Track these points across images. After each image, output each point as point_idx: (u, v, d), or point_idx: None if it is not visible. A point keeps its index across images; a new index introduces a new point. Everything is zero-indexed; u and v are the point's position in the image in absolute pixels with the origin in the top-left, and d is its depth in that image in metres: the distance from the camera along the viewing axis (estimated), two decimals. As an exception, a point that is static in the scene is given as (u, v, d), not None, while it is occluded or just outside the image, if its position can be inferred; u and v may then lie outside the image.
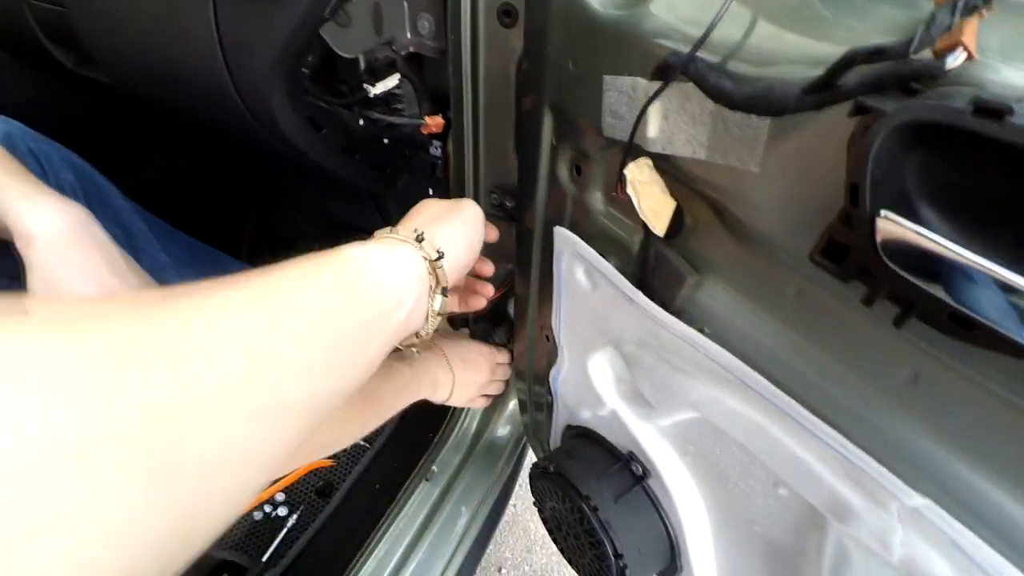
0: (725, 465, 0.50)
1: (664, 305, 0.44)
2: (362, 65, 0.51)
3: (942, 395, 0.32)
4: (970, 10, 0.20)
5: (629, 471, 0.61)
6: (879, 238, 0.24)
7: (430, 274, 0.41)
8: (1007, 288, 0.23)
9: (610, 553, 0.59)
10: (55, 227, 0.53)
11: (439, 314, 0.43)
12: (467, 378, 0.76)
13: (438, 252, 0.42)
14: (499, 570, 1.23)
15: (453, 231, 0.46)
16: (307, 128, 0.52)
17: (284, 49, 0.44)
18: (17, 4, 0.62)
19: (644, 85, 0.36)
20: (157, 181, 1.00)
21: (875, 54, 0.22)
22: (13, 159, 0.54)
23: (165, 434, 0.19)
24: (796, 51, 0.29)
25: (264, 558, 0.81)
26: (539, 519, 0.71)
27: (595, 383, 0.61)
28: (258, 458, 0.24)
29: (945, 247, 0.22)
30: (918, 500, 0.34)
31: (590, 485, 0.61)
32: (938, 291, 0.25)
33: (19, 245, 0.51)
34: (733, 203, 0.35)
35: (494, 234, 0.56)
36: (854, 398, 0.36)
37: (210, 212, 1.07)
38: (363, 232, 1.08)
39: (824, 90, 0.25)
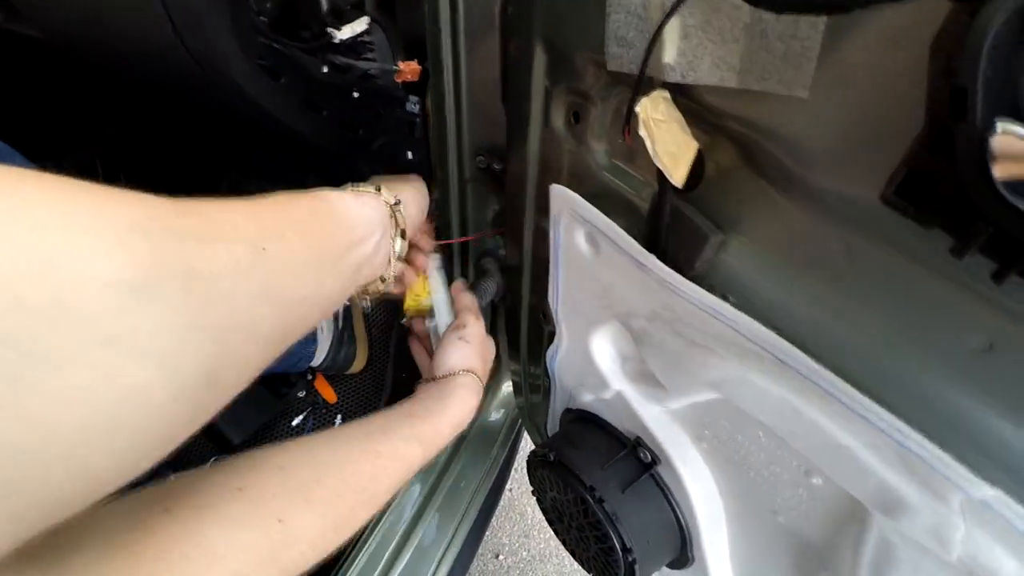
0: (747, 451, 0.45)
1: (680, 271, 0.38)
2: (324, 5, 0.44)
3: (1020, 367, 0.26)
4: None
5: (636, 458, 0.56)
6: (995, 157, 0.18)
7: (391, 216, 0.48)
8: None
9: (618, 547, 0.54)
10: None
11: (399, 257, 0.50)
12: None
13: (396, 198, 0.48)
14: (496, 556, 1.19)
15: (405, 188, 0.53)
16: (262, 75, 0.45)
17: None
18: None
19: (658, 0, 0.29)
20: (109, 154, 0.92)
21: None
22: None
23: (197, 287, 0.23)
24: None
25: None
26: (536, 502, 0.66)
27: (598, 363, 0.55)
28: (260, 329, 0.28)
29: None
30: (987, 491, 0.29)
31: (595, 475, 0.56)
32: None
33: None
34: (772, 141, 0.29)
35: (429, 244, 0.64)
36: (911, 372, 0.30)
37: (170, 187, 1.00)
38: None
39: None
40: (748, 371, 0.36)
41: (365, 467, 0.42)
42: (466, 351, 0.58)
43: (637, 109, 0.32)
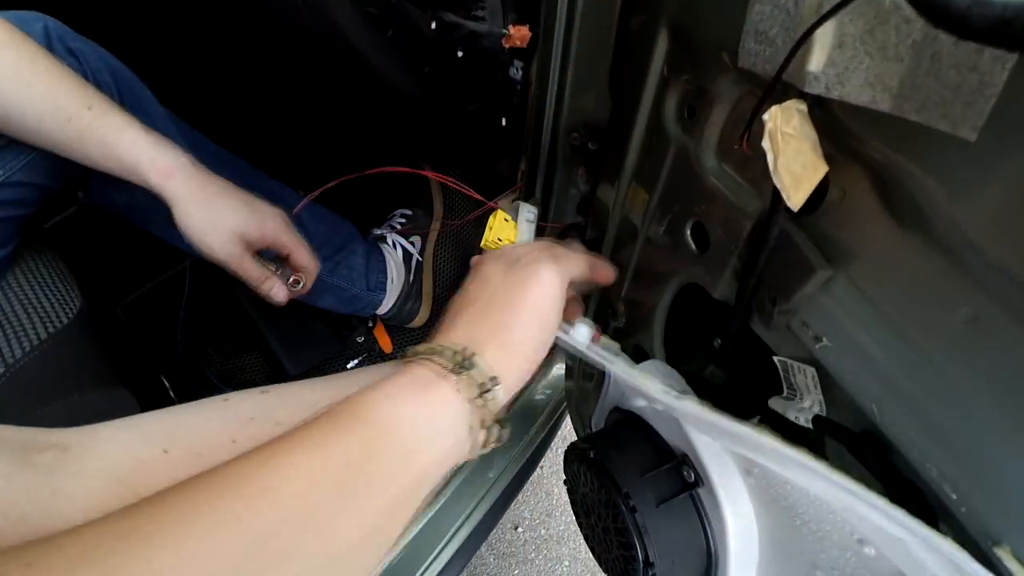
0: (795, 500, 0.41)
1: (775, 301, 0.35)
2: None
3: None
4: None
5: (679, 475, 0.53)
6: None
7: (478, 408, 0.33)
8: None
9: (640, 559, 0.52)
10: (184, 161, 0.56)
11: (493, 443, 0.36)
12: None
13: (490, 380, 0.34)
14: (516, 528, 1.20)
15: (515, 338, 0.36)
16: (369, 26, 0.44)
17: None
18: None
19: (816, -6, 0.25)
20: (210, 91, 0.96)
21: None
22: (113, 101, 0.55)
23: None
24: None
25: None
26: (563, 484, 0.65)
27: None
28: None
29: None
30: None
31: (632, 482, 0.54)
32: None
33: (156, 179, 0.55)
34: (917, 180, 0.25)
35: (608, 274, 0.47)
36: (1014, 472, 0.26)
37: (262, 132, 1.03)
38: (421, 163, 0.99)
39: None
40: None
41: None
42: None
43: (765, 117, 0.28)
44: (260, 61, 1.02)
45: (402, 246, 0.95)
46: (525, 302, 0.37)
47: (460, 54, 0.48)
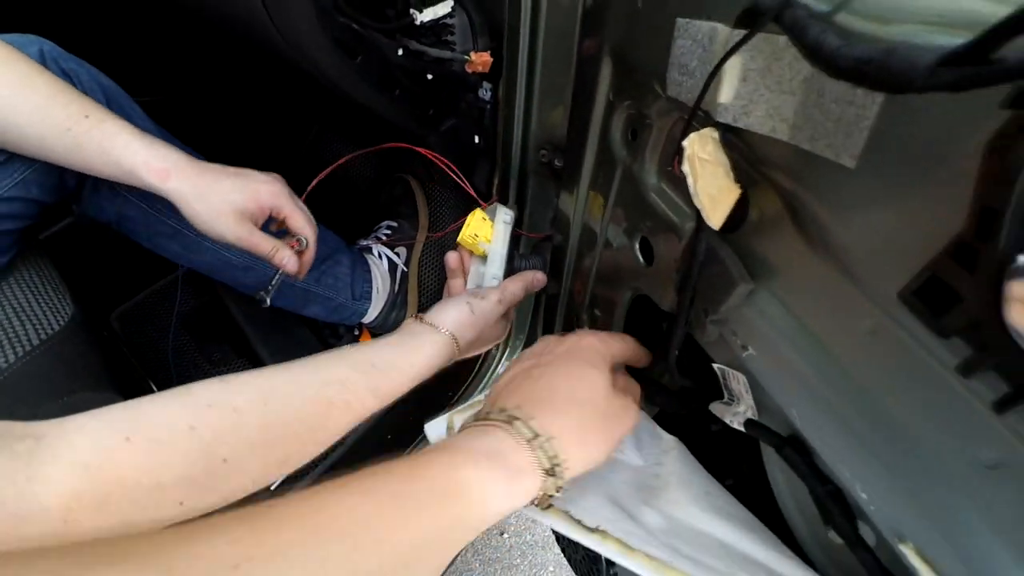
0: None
1: (705, 312, 0.37)
2: (410, -15, 0.45)
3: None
4: None
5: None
6: (1009, 293, 0.16)
7: (549, 482, 0.35)
8: None
9: (603, 558, 0.55)
10: (177, 159, 0.59)
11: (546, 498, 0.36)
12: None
13: (556, 464, 0.35)
14: (501, 534, 1.22)
15: (591, 439, 0.38)
16: (338, 53, 0.47)
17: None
18: None
19: (724, 34, 0.28)
20: (203, 100, 0.99)
21: None
22: (108, 110, 0.58)
23: None
24: (938, 6, 0.21)
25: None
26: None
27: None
28: None
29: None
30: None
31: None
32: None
33: (154, 181, 0.57)
34: (814, 203, 0.27)
35: (643, 357, 0.47)
36: (910, 470, 0.28)
37: (254, 142, 1.06)
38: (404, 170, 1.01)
39: (971, 63, 0.17)
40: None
41: (316, 413, 0.43)
42: (465, 318, 0.55)
43: (684, 143, 0.31)
44: (244, 80, 1.06)
45: (387, 257, 0.97)
46: (602, 414, 0.39)
47: (430, 76, 0.51)
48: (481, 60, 0.47)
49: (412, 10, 0.45)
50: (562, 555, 1.19)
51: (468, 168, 0.63)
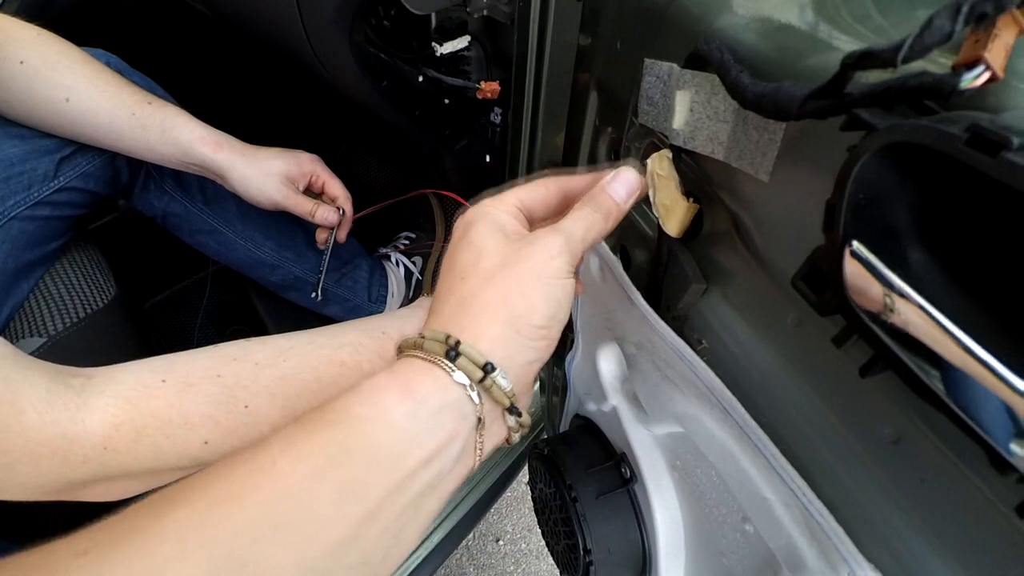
0: (704, 488, 0.48)
1: (669, 308, 0.42)
2: (433, 23, 0.52)
3: (921, 465, 0.29)
4: (979, 18, 0.18)
5: (618, 471, 0.60)
6: (846, 273, 0.22)
7: (478, 400, 0.30)
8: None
9: (580, 546, 0.59)
10: (227, 136, 0.67)
11: (515, 433, 0.33)
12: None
13: (484, 368, 0.29)
14: (497, 541, 1.25)
15: (518, 315, 0.31)
16: (368, 78, 0.54)
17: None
18: None
19: (677, 73, 0.34)
20: (236, 116, 1.09)
21: (864, 58, 0.20)
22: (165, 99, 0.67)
23: None
24: (830, 57, 0.27)
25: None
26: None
27: (601, 376, 0.60)
28: None
29: (914, 304, 0.20)
30: (868, 572, 0.31)
31: (577, 476, 0.61)
32: (910, 354, 0.22)
33: (210, 151, 0.65)
34: (744, 213, 0.33)
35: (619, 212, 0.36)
36: (831, 447, 0.33)
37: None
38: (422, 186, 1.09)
39: (829, 96, 0.23)
40: (702, 412, 0.40)
41: (329, 372, 0.45)
42: None
43: (648, 162, 0.37)
44: (283, 97, 1.15)
45: (404, 264, 1.04)
46: (528, 276, 0.31)
47: (447, 101, 0.58)
48: (490, 88, 0.53)
49: (433, 43, 0.52)
50: (555, 566, 1.22)
51: (479, 182, 0.70)
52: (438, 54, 0.53)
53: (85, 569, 0.22)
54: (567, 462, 0.62)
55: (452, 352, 0.29)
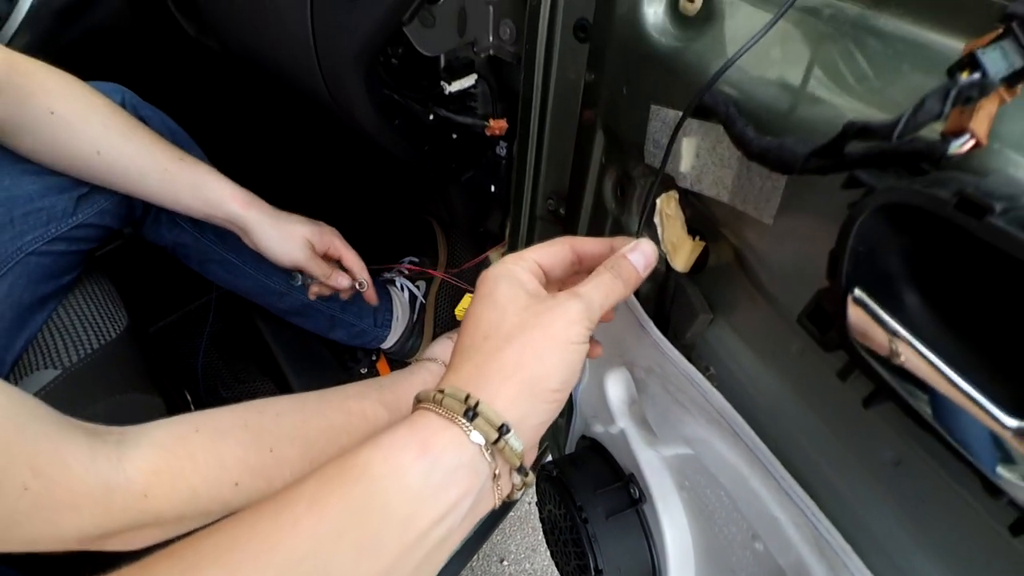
0: (714, 508, 0.50)
1: (676, 336, 0.44)
2: (442, 63, 0.55)
3: (921, 486, 0.31)
4: (965, 100, 0.20)
5: (627, 492, 0.61)
6: (849, 317, 0.24)
7: (492, 459, 0.30)
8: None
9: (591, 567, 0.60)
10: (253, 196, 0.71)
11: (518, 490, 0.34)
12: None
13: (500, 429, 0.30)
14: (501, 561, 1.25)
15: (535, 378, 0.31)
16: (380, 117, 0.57)
17: (365, 44, 0.49)
18: None
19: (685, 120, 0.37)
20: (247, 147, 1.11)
21: (863, 131, 0.23)
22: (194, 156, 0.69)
23: None
24: (829, 113, 0.29)
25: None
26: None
27: (609, 399, 0.61)
28: None
29: (909, 345, 0.22)
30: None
31: (586, 496, 0.62)
32: (908, 387, 0.24)
33: (238, 209, 0.68)
34: (748, 251, 0.35)
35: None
36: (836, 468, 0.35)
37: (300, 187, 1.17)
38: (427, 216, 1.12)
39: (829, 156, 0.25)
40: (712, 435, 0.42)
41: (339, 420, 0.51)
42: (449, 346, 0.65)
43: (657, 201, 0.39)
44: (295, 131, 1.18)
45: (409, 289, 1.06)
46: (547, 341, 0.32)
47: (455, 136, 0.60)
48: (498, 126, 0.56)
49: (442, 82, 0.55)
50: (557, 584, 1.22)
51: (484, 212, 0.72)
52: (447, 92, 0.56)
53: None
54: (576, 483, 0.64)
55: (470, 412, 0.30)
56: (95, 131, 0.61)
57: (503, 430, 0.30)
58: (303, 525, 0.26)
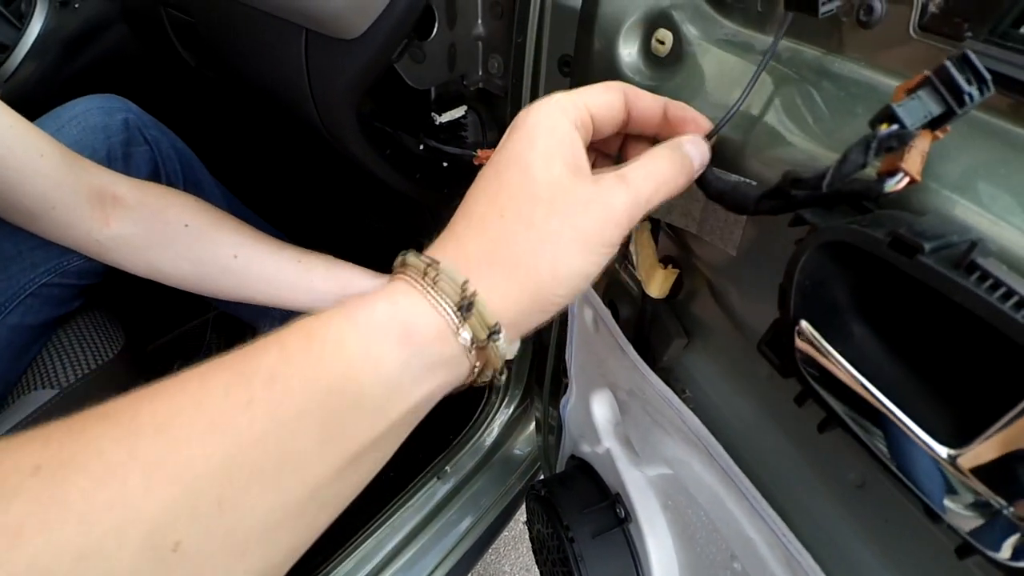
0: (695, 528, 0.51)
1: (655, 360, 0.46)
2: (432, 95, 0.57)
3: (883, 507, 0.32)
4: (888, 149, 0.22)
5: (613, 511, 0.62)
6: (797, 347, 0.25)
7: (474, 358, 0.27)
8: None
9: (578, 586, 0.61)
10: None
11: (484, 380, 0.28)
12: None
13: (491, 328, 0.26)
14: (497, 580, 1.25)
15: (536, 283, 0.27)
16: (372, 148, 0.59)
17: (356, 81, 0.51)
18: (155, 8, 0.75)
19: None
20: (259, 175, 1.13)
21: (796, 182, 0.24)
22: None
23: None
24: (789, 152, 0.31)
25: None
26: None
27: (595, 420, 0.63)
28: None
29: (849, 375, 0.24)
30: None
31: (573, 516, 0.63)
32: (854, 415, 0.26)
33: (366, 281, 0.67)
34: (717, 279, 0.37)
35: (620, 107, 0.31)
36: (805, 489, 0.36)
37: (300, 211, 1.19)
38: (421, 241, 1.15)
39: (779, 198, 0.27)
40: (690, 456, 0.43)
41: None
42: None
43: (632, 233, 0.41)
44: (291, 155, 1.20)
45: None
46: (575, 242, 0.27)
47: (445, 164, 0.63)
48: (486, 155, 0.58)
49: (433, 113, 0.57)
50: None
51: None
52: (437, 123, 0.58)
53: (36, 491, 0.19)
54: (563, 503, 0.65)
55: (465, 304, 0.25)
56: (229, 236, 0.63)
57: (493, 332, 0.26)
58: (259, 403, 0.22)
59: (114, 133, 0.70)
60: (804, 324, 0.25)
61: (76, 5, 0.93)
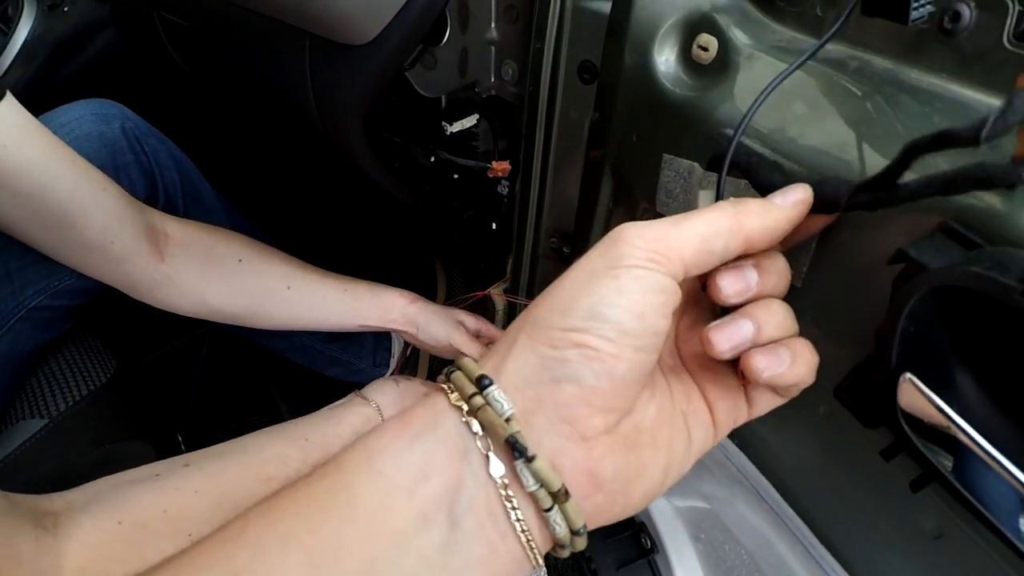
0: (732, 564, 0.48)
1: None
2: (443, 104, 0.53)
3: (964, 561, 0.29)
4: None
5: (637, 541, 0.59)
6: (900, 400, 0.22)
7: (478, 431, 0.22)
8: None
9: (602, 620, 0.58)
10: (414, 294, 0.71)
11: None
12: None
13: (479, 381, 0.22)
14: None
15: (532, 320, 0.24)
16: (380, 161, 0.55)
17: (364, 92, 0.48)
18: (149, 12, 0.71)
19: (699, 172, 0.35)
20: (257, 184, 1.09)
21: (939, 140, 0.21)
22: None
23: None
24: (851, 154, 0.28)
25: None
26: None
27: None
28: None
29: (966, 435, 0.21)
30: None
31: (595, 545, 0.60)
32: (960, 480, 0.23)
33: (411, 307, 0.68)
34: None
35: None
36: (870, 536, 0.33)
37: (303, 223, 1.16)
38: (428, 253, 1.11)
39: (882, 187, 0.23)
40: (734, 494, 0.40)
41: (258, 491, 0.46)
42: (392, 391, 0.65)
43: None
44: (292, 165, 1.16)
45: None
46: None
47: (456, 176, 0.59)
48: (500, 167, 0.55)
49: (443, 123, 0.54)
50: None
51: (485, 249, 0.70)
52: (448, 133, 0.55)
53: None
54: (585, 531, 0.61)
55: (524, 451, 0.21)
56: (279, 268, 0.65)
57: (483, 386, 0.22)
58: (249, 533, 0.21)
59: (110, 142, 0.66)
60: (911, 376, 0.22)
61: (65, 8, 0.89)
